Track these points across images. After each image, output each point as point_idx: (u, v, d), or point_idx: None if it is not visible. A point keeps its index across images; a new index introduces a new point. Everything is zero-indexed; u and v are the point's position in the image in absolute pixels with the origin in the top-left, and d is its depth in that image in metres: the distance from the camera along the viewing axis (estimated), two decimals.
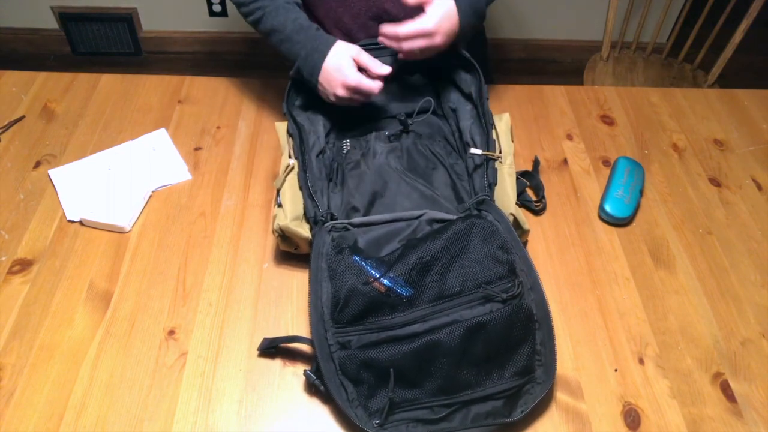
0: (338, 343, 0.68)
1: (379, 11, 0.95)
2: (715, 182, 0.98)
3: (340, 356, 0.68)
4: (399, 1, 0.93)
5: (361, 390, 0.67)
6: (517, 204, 0.81)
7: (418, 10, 0.94)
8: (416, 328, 0.67)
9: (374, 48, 0.90)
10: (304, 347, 0.75)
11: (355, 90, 0.84)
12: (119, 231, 0.86)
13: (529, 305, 0.69)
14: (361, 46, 0.90)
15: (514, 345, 0.68)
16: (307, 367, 0.72)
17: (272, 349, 0.74)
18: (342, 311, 0.68)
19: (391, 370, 0.66)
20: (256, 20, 0.90)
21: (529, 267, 0.72)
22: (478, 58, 0.90)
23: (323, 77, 0.84)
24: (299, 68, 0.86)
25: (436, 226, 0.77)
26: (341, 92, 0.84)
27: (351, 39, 0.93)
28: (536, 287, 0.71)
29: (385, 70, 0.85)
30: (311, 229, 0.77)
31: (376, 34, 0.88)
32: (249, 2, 0.90)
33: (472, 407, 0.67)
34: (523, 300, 0.69)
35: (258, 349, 0.74)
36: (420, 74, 0.94)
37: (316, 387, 0.69)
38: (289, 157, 0.83)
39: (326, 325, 0.69)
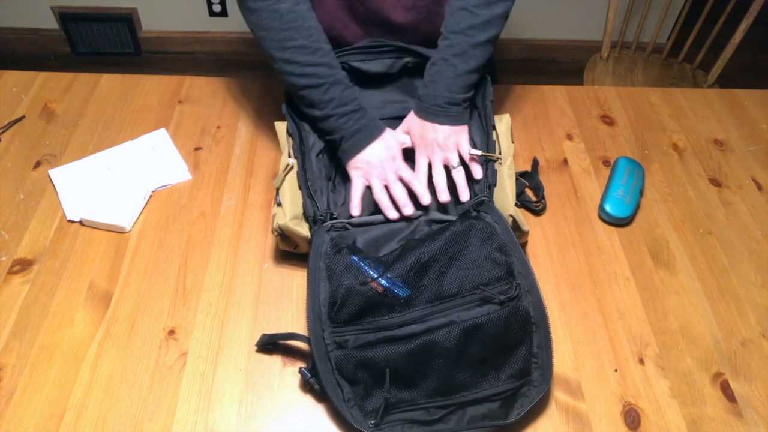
0: (335, 342, 0.68)
1: (386, 20, 0.95)
2: (715, 182, 0.98)
3: (337, 356, 0.68)
4: (406, 9, 0.93)
5: (357, 390, 0.67)
6: (516, 205, 0.81)
7: (425, 16, 0.93)
8: (413, 328, 0.67)
9: (375, 50, 0.90)
10: (305, 347, 0.75)
11: (403, 182, 0.81)
12: (119, 231, 0.86)
13: (526, 308, 0.69)
14: (362, 47, 0.90)
15: (510, 347, 0.68)
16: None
17: (270, 345, 0.74)
18: (339, 311, 0.69)
19: (387, 370, 0.66)
20: (309, 85, 0.82)
21: (527, 269, 0.72)
22: (490, 56, 0.89)
23: (365, 158, 0.82)
24: (337, 140, 0.84)
25: (434, 226, 0.77)
26: (391, 176, 0.81)
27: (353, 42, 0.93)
28: (534, 290, 0.71)
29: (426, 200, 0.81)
30: (310, 229, 0.77)
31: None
32: (305, 63, 0.82)
33: (468, 409, 0.67)
34: (520, 302, 0.69)
35: (256, 345, 0.74)
36: (421, 75, 0.94)
37: (311, 385, 0.69)
38: (289, 156, 0.83)
39: (323, 324, 0.69)
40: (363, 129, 0.83)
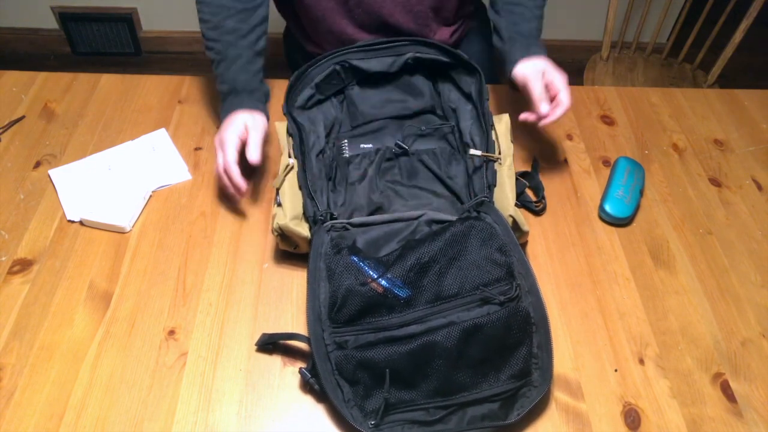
0: (335, 342, 0.68)
1: (384, 23, 0.94)
2: (715, 182, 0.98)
3: (337, 356, 0.68)
4: (405, 12, 0.93)
5: (357, 390, 0.67)
6: (516, 205, 0.81)
7: (423, 21, 0.92)
8: (413, 329, 0.67)
9: (374, 48, 0.90)
10: (305, 347, 0.75)
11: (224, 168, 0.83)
12: (119, 231, 0.86)
13: (526, 308, 0.69)
14: (360, 46, 0.90)
15: (510, 348, 0.68)
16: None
17: (270, 345, 0.74)
18: (339, 311, 0.69)
19: (387, 370, 0.66)
20: (211, 60, 0.89)
21: (527, 270, 0.72)
22: (491, 57, 0.90)
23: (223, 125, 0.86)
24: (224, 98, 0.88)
25: (435, 227, 0.77)
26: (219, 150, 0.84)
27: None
28: (534, 290, 0.71)
29: (255, 158, 0.83)
30: (310, 229, 0.77)
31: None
32: (208, 38, 0.88)
33: (468, 409, 0.67)
34: (520, 303, 0.69)
35: (256, 344, 0.74)
36: (420, 74, 0.94)
37: (311, 385, 0.69)
38: (289, 156, 0.83)
39: (323, 324, 0.69)
40: (226, 112, 0.86)
